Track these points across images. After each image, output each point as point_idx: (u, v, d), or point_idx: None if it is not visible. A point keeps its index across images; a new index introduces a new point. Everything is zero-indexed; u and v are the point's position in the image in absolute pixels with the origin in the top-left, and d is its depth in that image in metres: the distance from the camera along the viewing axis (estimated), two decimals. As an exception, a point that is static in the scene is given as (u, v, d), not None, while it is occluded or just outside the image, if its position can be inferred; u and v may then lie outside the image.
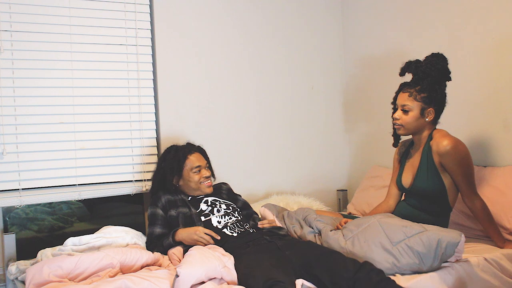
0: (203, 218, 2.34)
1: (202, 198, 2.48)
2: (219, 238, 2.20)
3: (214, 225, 2.31)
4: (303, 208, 2.49)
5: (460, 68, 2.64)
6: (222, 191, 2.62)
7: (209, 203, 2.44)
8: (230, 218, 2.36)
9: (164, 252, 2.23)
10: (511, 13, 2.44)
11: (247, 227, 2.35)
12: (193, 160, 2.47)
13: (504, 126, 2.50)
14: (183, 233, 2.23)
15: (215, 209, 2.40)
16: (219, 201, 2.49)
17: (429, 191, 2.24)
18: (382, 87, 3.16)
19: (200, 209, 2.41)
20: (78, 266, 1.91)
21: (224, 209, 2.42)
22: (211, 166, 2.60)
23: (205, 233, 2.19)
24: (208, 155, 2.60)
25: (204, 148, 2.56)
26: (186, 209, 2.40)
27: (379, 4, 3.23)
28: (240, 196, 2.69)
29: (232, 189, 2.71)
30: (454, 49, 2.69)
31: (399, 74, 2.34)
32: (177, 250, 2.16)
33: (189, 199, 2.48)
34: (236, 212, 2.44)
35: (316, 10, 3.46)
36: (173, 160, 2.47)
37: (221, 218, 2.35)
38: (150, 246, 2.32)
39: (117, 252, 2.02)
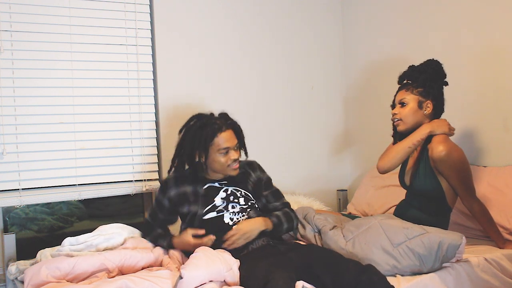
0: (214, 214, 2.18)
1: (222, 187, 2.24)
2: (203, 232, 2.09)
3: (226, 221, 2.17)
4: (303, 207, 2.49)
5: (460, 68, 2.64)
6: (250, 179, 2.30)
7: (226, 196, 2.22)
8: (244, 216, 2.20)
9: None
10: (511, 13, 2.44)
11: None
12: (222, 140, 2.14)
13: (504, 126, 2.50)
14: (178, 243, 2.18)
15: (230, 206, 2.20)
16: (240, 191, 2.25)
17: (427, 191, 2.24)
18: (382, 87, 3.16)
19: (213, 204, 2.21)
20: (76, 268, 1.91)
21: (241, 206, 2.21)
22: (243, 144, 2.29)
23: (193, 236, 2.10)
24: (243, 131, 2.30)
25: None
26: (196, 207, 2.21)
27: (380, 6, 3.23)
28: (271, 183, 2.37)
29: (263, 173, 2.38)
30: (454, 49, 2.70)
31: (398, 82, 2.38)
32: (176, 251, 2.15)
33: (205, 186, 2.24)
34: (252, 211, 2.24)
35: (317, 11, 3.46)
36: (199, 136, 2.15)
37: (235, 215, 2.18)
38: (146, 232, 2.34)
39: (116, 256, 2.01)
